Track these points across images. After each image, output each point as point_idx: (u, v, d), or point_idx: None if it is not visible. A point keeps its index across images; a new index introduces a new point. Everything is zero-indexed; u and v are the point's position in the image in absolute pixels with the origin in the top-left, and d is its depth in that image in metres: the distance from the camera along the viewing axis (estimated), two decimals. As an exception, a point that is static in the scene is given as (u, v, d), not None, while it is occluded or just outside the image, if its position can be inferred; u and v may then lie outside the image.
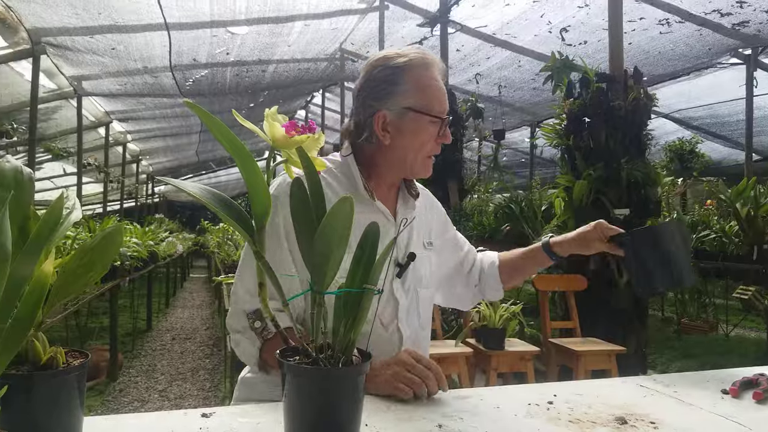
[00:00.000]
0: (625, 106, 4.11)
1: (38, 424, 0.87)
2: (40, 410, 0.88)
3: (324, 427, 0.92)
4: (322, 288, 0.95)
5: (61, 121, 8.56)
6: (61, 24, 5.62)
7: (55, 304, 0.89)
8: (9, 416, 0.78)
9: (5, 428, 0.76)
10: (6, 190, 0.84)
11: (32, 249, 0.74)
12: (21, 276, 0.71)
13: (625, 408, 1.17)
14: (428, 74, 1.39)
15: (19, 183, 0.88)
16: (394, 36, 7.32)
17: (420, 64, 1.39)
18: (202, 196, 0.96)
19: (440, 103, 1.40)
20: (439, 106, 1.40)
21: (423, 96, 1.38)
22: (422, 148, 1.41)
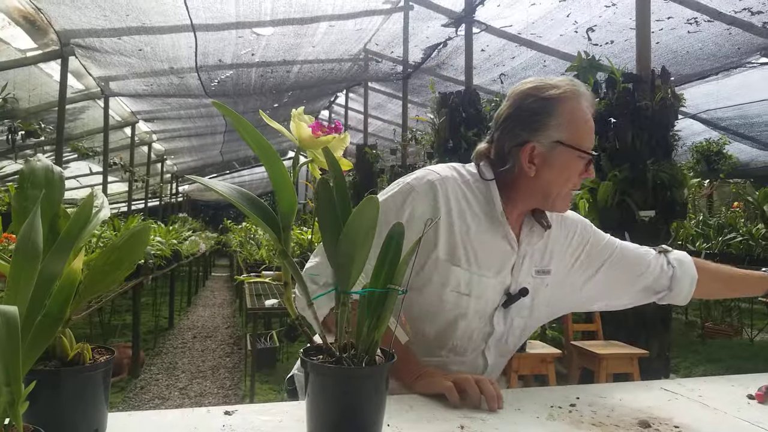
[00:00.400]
0: (652, 106, 4.06)
1: (65, 419, 0.89)
2: (66, 405, 0.89)
3: (346, 426, 0.92)
4: (347, 288, 0.95)
5: (88, 121, 8.71)
6: (90, 26, 5.72)
7: (83, 302, 0.90)
8: (37, 411, 0.79)
9: (33, 422, 0.78)
10: (37, 189, 0.86)
11: (63, 247, 0.75)
12: (51, 273, 0.72)
13: (648, 412, 1.16)
14: (580, 107, 1.36)
15: (50, 181, 0.89)
16: (419, 36, 7.32)
17: (572, 96, 1.35)
18: (230, 195, 0.96)
19: (590, 138, 1.37)
20: (589, 142, 1.37)
21: (574, 130, 1.35)
22: (567, 182, 1.36)
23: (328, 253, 0.98)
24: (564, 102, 1.34)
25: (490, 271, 1.37)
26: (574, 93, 1.36)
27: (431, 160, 6.63)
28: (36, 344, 0.72)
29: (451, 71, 8.30)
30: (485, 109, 6.37)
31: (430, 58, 7.85)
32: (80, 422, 0.91)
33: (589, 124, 1.37)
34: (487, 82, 8.30)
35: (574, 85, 1.37)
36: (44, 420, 0.78)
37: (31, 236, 0.71)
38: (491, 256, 1.38)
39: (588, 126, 1.37)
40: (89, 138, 9.08)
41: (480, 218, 1.38)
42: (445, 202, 1.35)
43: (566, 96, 1.35)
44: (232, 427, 1.01)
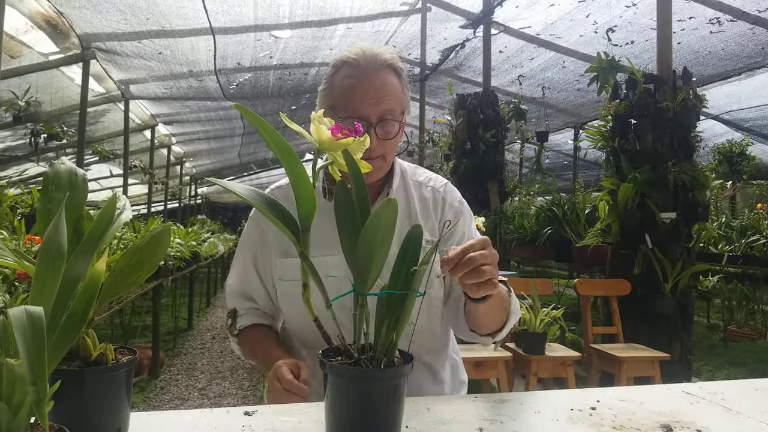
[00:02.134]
0: (673, 107, 4.01)
1: (88, 418, 0.90)
2: (90, 405, 0.90)
3: (365, 427, 0.92)
4: (365, 289, 0.95)
5: (109, 123, 8.82)
6: (111, 29, 5.79)
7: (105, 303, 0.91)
8: (61, 410, 0.80)
9: (58, 421, 0.79)
10: (61, 191, 0.87)
11: (86, 248, 0.76)
12: (75, 274, 0.73)
13: (671, 415, 1.14)
14: (341, 74, 1.38)
15: (73, 184, 0.90)
16: (436, 38, 7.31)
17: (344, 63, 1.39)
18: (249, 196, 0.97)
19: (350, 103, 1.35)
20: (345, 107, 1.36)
21: (332, 99, 1.38)
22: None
23: (346, 254, 0.98)
24: (337, 71, 1.39)
25: (328, 249, 1.36)
26: (339, 62, 1.40)
27: (448, 162, 6.62)
28: (60, 344, 0.73)
29: (468, 73, 8.28)
30: (503, 110, 6.35)
31: (448, 59, 7.84)
32: (103, 421, 0.92)
33: (349, 89, 1.36)
34: (505, 83, 8.26)
35: (355, 52, 1.39)
36: (68, 419, 0.79)
37: (56, 238, 0.72)
38: (323, 236, 1.33)
39: (346, 91, 1.36)
40: (110, 141, 9.19)
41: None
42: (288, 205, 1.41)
43: (338, 65, 1.40)
44: (252, 427, 1.01)
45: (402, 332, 0.96)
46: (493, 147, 5.97)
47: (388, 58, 1.39)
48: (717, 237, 6.65)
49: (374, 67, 1.36)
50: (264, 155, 16.21)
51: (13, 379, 0.68)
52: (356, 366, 0.94)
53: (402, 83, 1.41)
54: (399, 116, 1.40)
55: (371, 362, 0.94)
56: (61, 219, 0.74)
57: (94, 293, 0.75)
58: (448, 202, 1.55)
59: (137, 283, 0.92)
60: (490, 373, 3.33)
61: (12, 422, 0.69)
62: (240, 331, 1.49)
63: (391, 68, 1.39)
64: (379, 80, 1.36)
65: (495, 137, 5.99)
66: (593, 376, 3.72)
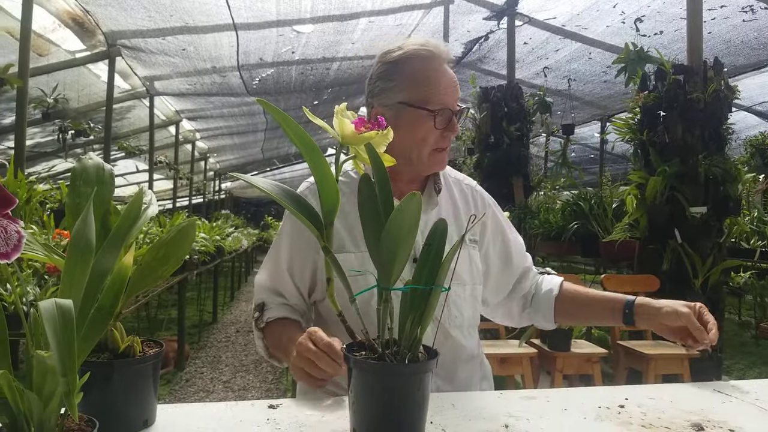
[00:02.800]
0: (704, 98, 3.93)
1: (116, 409, 0.91)
2: (118, 396, 0.92)
3: (389, 422, 0.92)
4: (389, 284, 0.95)
5: (134, 120, 8.93)
6: (135, 27, 5.86)
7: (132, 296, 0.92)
8: (90, 401, 0.81)
9: (87, 413, 0.80)
10: (89, 186, 0.88)
11: (114, 242, 0.77)
12: (104, 268, 0.74)
13: (702, 414, 1.12)
14: (424, 66, 1.36)
15: (101, 179, 0.91)
16: (459, 30, 7.25)
17: (414, 56, 1.37)
18: (273, 191, 0.97)
19: (435, 95, 1.35)
20: (436, 98, 1.35)
21: (416, 89, 1.36)
22: (424, 142, 1.36)
23: (369, 249, 0.98)
24: (404, 63, 1.36)
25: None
26: (416, 53, 1.36)
27: (472, 156, 6.57)
28: (89, 336, 0.73)
29: (492, 65, 8.21)
30: (528, 103, 6.28)
31: (471, 52, 7.78)
32: (131, 413, 0.94)
33: (434, 81, 1.35)
34: (530, 75, 8.17)
35: (422, 44, 1.37)
36: (97, 410, 0.80)
37: (85, 232, 0.72)
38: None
39: (432, 83, 1.35)
40: (135, 137, 9.32)
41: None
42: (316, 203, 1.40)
43: (407, 56, 1.36)
44: (276, 420, 1.02)
45: (426, 327, 0.95)
46: (517, 140, 5.91)
47: (452, 56, 1.42)
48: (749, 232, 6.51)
49: (447, 60, 1.39)
50: (287, 150, 16.29)
51: (44, 371, 0.69)
52: (380, 361, 0.93)
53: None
54: None
55: (395, 357, 0.94)
56: (90, 214, 0.74)
57: (122, 286, 0.75)
58: (486, 201, 1.60)
59: (163, 276, 0.92)
60: (514, 370, 3.31)
61: (43, 413, 0.70)
62: (266, 324, 1.42)
63: (451, 62, 1.42)
64: (452, 75, 1.40)
65: (519, 130, 5.92)
66: (620, 374, 3.67)
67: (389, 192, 0.98)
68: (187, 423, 0.99)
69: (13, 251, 0.60)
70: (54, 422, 0.72)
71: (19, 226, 0.61)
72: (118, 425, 0.91)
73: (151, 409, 0.97)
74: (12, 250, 0.60)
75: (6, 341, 0.73)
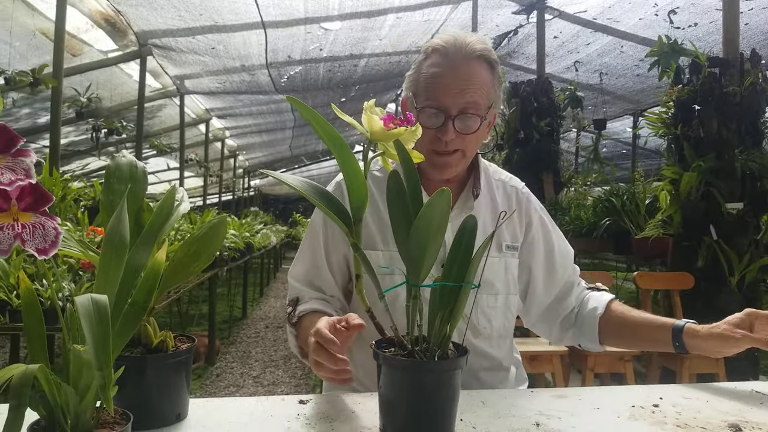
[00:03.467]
0: (741, 92, 3.83)
1: (150, 403, 0.93)
2: (151, 390, 0.93)
3: (419, 419, 0.92)
4: (418, 281, 0.94)
5: (165, 118, 9.07)
6: (166, 26, 5.94)
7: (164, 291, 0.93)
8: (124, 395, 0.82)
9: (121, 406, 0.81)
10: (123, 183, 0.90)
11: (147, 239, 0.78)
12: (137, 264, 0.75)
13: (739, 415, 1.09)
14: (428, 62, 1.32)
15: (134, 176, 0.93)
16: (488, 25, 7.18)
17: (426, 53, 1.34)
18: (303, 188, 0.98)
19: (430, 92, 1.29)
20: (425, 95, 1.30)
21: (416, 86, 1.33)
22: (422, 142, 1.28)
23: (399, 245, 0.97)
24: (426, 57, 1.33)
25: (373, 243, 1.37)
26: (430, 48, 1.33)
27: (501, 152, 6.51)
28: (124, 331, 0.74)
29: (521, 60, 8.12)
30: (558, 98, 6.19)
31: (500, 46, 7.70)
32: (164, 406, 0.95)
33: (429, 77, 1.30)
34: (560, 70, 8.06)
35: (443, 38, 1.33)
36: (131, 404, 0.81)
37: (119, 229, 0.73)
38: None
39: (426, 78, 1.30)
40: (166, 135, 9.45)
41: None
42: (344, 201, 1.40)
43: (424, 49, 1.34)
44: (306, 415, 1.02)
45: (456, 324, 0.95)
46: (547, 136, 5.83)
47: (479, 49, 1.31)
48: (787, 228, 6.34)
49: (462, 57, 1.29)
50: (314, 147, 16.37)
51: (80, 365, 0.70)
52: (410, 357, 0.93)
53: (494, 76, 1.33)
54: (483, 110, 1.30)
55: (425, 354, 0.93)
56: (124, 211, 0.75)
57: (155, 282, 0.76)
58: (533, 205, 1.52)
59: (195, 272, 0.93)
60: (545, 368, 3.27)
61: (79, 406, 0.71)
62: (298, 318, 1.35)
63: (482, 59, 1.31)
64: (466, 71, 1.28)
65: (549, 126, 5.85)
66: (653, 373, 3.60)
67: (418, 188, 0.98)
68: (218, 417, 1.00)
69: (50, 247, 0.62)
70: (90, 415, 0.73)
71: (56, 223, 0.62)
72: (152, 419, 0.92)
73: (183, 404, 0.99)
74: (50, 247, 0.62)
75: (43, 336, 0.74)
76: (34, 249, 0.61)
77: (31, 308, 0.74)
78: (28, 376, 0.65)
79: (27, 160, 0.59)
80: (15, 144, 0.59)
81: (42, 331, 0.74)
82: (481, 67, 1.31)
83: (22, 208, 0.60)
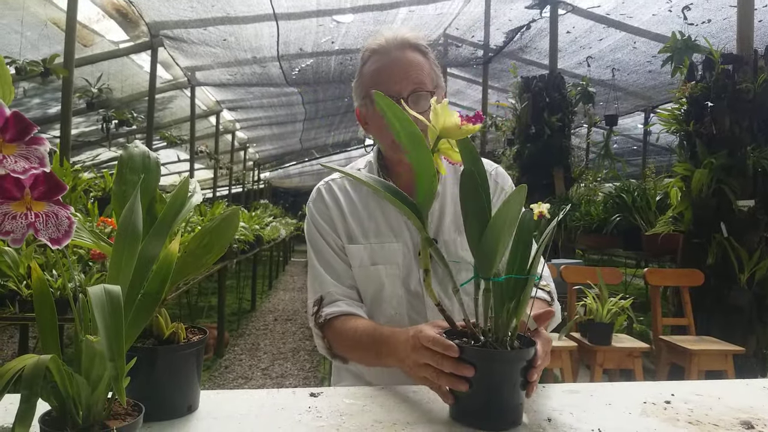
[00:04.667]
0: (754, 89, 3.79)
1: (161, 394, 0.93)
2: (162, 381, 0.93)
3: (490, 407, 0.97)
4: (489, 274, 0.98)
5: (176, 110, 9.09)
6: (178, 17, 5.94)
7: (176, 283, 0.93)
8: (136, 386, 0.82)
9: (132, 397, 0.81)
10: (135, 174, 0.89)
11: (160, 230, 0.77)
12: (150, 255, 0.75)
13: (752, 412, 1.08)
14: (375, 59, 1.40)
15: (147, 167, 0.92)
16: (501, 19, 7.14)
17: (370, 54, 1.41)
18: (373, 183, 1.02)
19: (379, 84, 1.34)
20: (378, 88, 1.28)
21: (364, 89, 1.40)
22: (381, 135, 1.40)
23: (470, 239, 1.00)
24: (365, 62, 1.42)
25: (387, 237, 1.41)
26: (366, 53, 1.42)
27: (511, 147, 6.48)
28: (136, 322, 0.74)
29: (534, 55, 8.07)
30: (570, 93, 6.15)
31: (513, 41, 7.65)
32: (175, 398, 0.95)
33: (376, 73, 1.38)
34: (572, 65, 8.01)
35: (369, 44, 1.42)
36: (142, 395, 0.81)
37: (132, 219, 0.73)
38: (383, 223, 1.42)
39: (373, 76, 1.38)
40: (177, 126, 9.48)
41: (368, 194, 1.44)
42: (331, 198, 1.46)
43: (366, 56, 1.42)
44: (317, 408, 1.02)
45: (521, 317, 0.99)
46: (558, 131, 5.80)
47: (411, 38, 1.41)
48: (799, 226, 6.29)
49: (396, 47, 1.39)
50: (324, 141, 16.36)
51: (92, 355, 0.70)
52: (483, 348, 0.98)
53: (429, 61, 1.42)
54: (431, 89, 1.39)
55: (496, 344, 0.98)
56: (137, 201, 0.75)
57: (168, 273, 0.76)
58: (500, 186, 1.51)
59: (207, 264, 0.93)
60: (553, 363, 3.26)
61: (90, 396, 0.71)
62: (326, 321, 1.34)
63: (415, 48, 1.40)
64: (404, 58, 1.38)
65: (561, 121, 5.82)
66: (662, 369, 3.59)
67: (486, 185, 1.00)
68: (229, 409, 1.00)
69: (64, 237, 0.61)
70: (101, 406, 0.73)
71: (69, 212, 0.62)
72: (163, 410, 0.92)
73: (194, 395, 0.99)
74: (63, 236, 0.61)
75: (55, 326, 0.74)
76: (48, 238, 0.61)
77: (43, 298, 0.74)
78: (41, 366, 0.65)
79: (41, 149, 0.59)
80: (29, 132, 0.58)
81: (54, 321, 0.74)
82: (416, 54, 1.40)
83: (35, 197, 0.60)
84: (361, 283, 1.42)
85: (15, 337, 5.59)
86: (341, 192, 1.47)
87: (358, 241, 1.42)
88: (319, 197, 1.48)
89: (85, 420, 0.71)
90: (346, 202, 1.45)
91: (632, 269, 7.57)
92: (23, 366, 0.65)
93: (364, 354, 1.28)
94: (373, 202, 1.44)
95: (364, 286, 1.42)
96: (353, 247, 1.41)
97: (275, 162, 19.97)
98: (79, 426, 0.71)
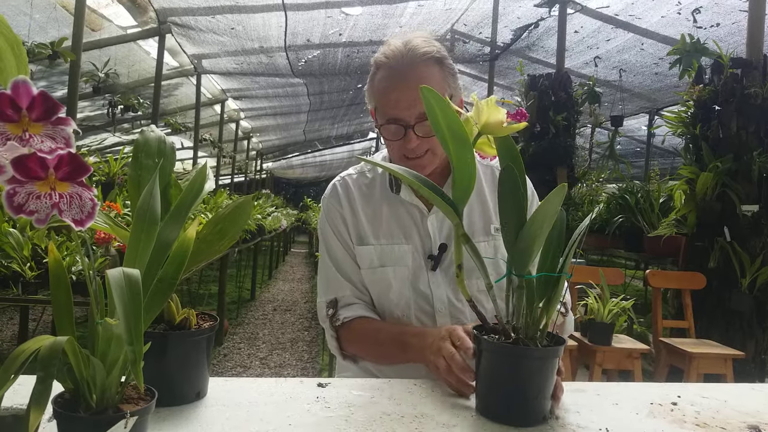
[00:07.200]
0: (762, 93, 3.78)
1: (171, 380, 0.93)
2: (173, 367, 0.93)
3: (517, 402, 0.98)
4: (524, 271, 0.98)
5: (181, 97, 9.07)
6: (186, 4, 5.92)
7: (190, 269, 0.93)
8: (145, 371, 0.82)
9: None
10: (151, 159, 0.89)
11: (178, 215, 0.77)
12: (167, 240, 0.75)
13: (758, 416, 1.08)
14: (379, 76, 1.36)
15: (162, 152, 0.92)
16: (509, 17, 7.11)
17: (377, 67, 1.37)
18: (408, 176, 1.02)
19: (387, 105, 1.33)
20: (387, 109, 1.33)
21: (376, 100, 1.38)
22: (392, 148, 1.38)
23: (507, 237, 1.00)
24: (376, 72, 1.37)
25: (397, 238, 1.41)
26: (377, 63, 1.37)
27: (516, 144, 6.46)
28: (151, 307, 0.74)
29: (541, 53, 8.04)
30: (576, 93, 6.14)
31: (520, 39, 7.63)
32: (185, 384, 0.95)
33: (384, 93, 1.34)
34: (579, 65, 7.99)
35: (384, 51, 1.36)
36: (152, 381, 0.81)
37: (151, 204, 0.73)
38: (395, 225, 1.41)
39: (382, 94, 1.34)
40: (182, 113, 9.46)
41: (380, 195, 1.44)
42: (345, 196, 1.45)
43: (375, 64, 1.38)
44: (325, 399, 1.02)
45: (552, 314, 0.99)
46: (564, 130, 5.79)
47: (422, 51, 1.33)
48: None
49: (407, 64, 1.32)
50: (328, 133, 16.34)
51: (109, 338, 0.70)
52: (515, 345, 0.98)
53: (444, 71, 1.36)
54: None
55: (526, 341, 0.99)
56: (155, 185, 0.75)
57: (184, 259, 0.76)
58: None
59: (220, 251, 0.93)
60: (552, 362, 3.26)
61: (105, 380, 0.71)
62: (342, 323, 1.37)
63: (428, 59, 1.33)
64: (414, 78, 1.29)
65: (566, 120, 5.80)
66: (661, 371, 3.60)
67: (525, 182, 1.01)
68: (238, 397, 1.00)
69: (87, 218, 0.61)
70: (115, 390, 0.73)
71: (93, 194, 0.62)
72: (172, 396, 0.92)
73: (203, 382, 0.99)
74: (86, 218, 0.61)
75: (71, 308, 0.74)
76: (71, 219, 0.61)
77: (59, 280, 0.74)
78: (57, 348, 0.65)
79: (67, 129, 0.59)
80: (56, 112, 0.58)
81: (70, 303, 0.74)
82: (428, 67, 1.33)
83: (59, 177, 0.60)
84: (368, 283, 1.42)
85: (15, 318, 5.61)
86: (356, 188, 1.46)
87: (368, 241, 1.41)
88: (334, 193, 1.47)
89: (98, 403, 0.71)
90: (360, 200, 1.44)
91: (632, 270, 7.58)
92: (39, 347, 0.65)
93: (386, 350, 1.31)
94: (386, 203, 1.43)
95: (370, 286, 1.42)
96: (363, 248, 1.41)
97: (278, 152, 19.92)
98: (92, 409, 0.71)
